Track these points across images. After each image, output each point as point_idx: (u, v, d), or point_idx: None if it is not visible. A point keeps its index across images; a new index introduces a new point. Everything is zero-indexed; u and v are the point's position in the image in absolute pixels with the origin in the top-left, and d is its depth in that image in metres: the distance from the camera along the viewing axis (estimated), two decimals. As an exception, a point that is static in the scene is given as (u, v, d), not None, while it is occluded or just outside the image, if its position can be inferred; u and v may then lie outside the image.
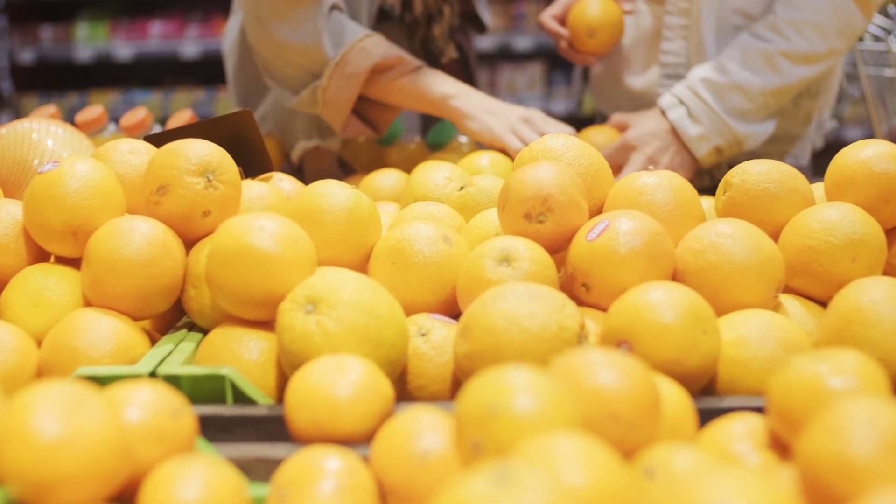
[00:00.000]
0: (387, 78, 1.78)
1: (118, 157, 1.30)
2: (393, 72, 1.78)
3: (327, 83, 1.76)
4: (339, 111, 1.79)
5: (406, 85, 1.79)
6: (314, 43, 1.73)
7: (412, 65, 1.79)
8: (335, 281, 1.02)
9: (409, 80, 1.79)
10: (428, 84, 1.79)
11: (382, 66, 1.76)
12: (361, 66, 1.74)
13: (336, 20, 1.76)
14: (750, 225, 1.14)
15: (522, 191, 1.14)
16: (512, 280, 1.08)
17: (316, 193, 1.19)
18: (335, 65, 1.74)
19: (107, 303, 1.12)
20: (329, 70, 1.74)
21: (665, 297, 1.01)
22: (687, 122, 1.79)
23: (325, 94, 1.77)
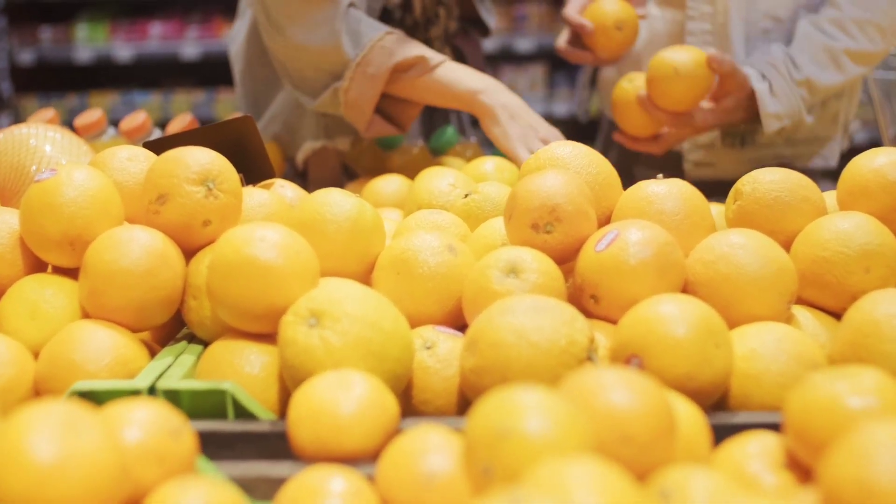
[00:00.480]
0: (410, 76, 1.74)
1: (117, 164, 1.27)
2: (415, 69, 1.74)
3: (349, 84, 1.72)
4: (363, 111, 1.75)
5: (431, 82, 1.74)
6: (333, 43, 1.70)
7: (435, 61, 1.75)
8: (338, 293, 0.99)
9: (434, 76, 1.74)
10: (454, 79, 1.75)
11: (404, 65, 1.73)
12: (383, 66, 1.70)
13: (353, 18, 1.73)
14: (762, 235, 1.11)
15: (529, 200, 1.12)
16: (519, 292, 1.05)
17: (318, 202, 1.16)
18: (356, 65, 1.70)
19: (105, 314, 1.09)
20: (350, 71, 1.71)
21: (677, 310, 0.99)
22: (768, 97, 1.77)
23: (346, 95, 1.73)
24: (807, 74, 1.79)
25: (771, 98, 1.78)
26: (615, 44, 1.88)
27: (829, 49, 1.80)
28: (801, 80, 1.79)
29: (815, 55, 1.80)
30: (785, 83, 1.79)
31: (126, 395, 1.00)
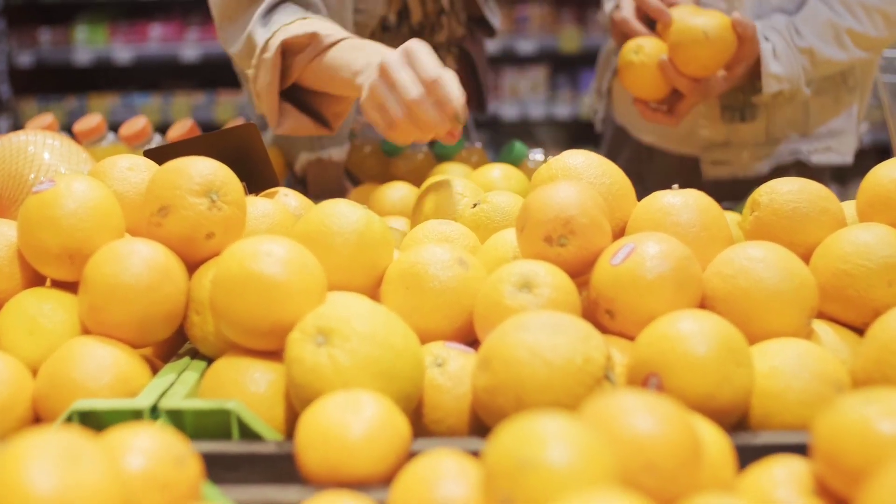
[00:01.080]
0: (304, 57, 1.53)
1: (117, 174, 1.24)
2: (309, 50, 1.53)
3: (255, 72, 1.56)
4: (270, 102, 1.56)
5: (322, 65, 1.52)
6: (250, 34, 1.57)
7: (330, 39, 1.52)
8: (347, 310, 0.96)
9: (326, 58, 1.52)
10: (342, 61, 1.50)
11: (295, 45, 1.53)
12: (273, 47, 1.52)
13: (283, 10, 1.59)
14: (782, 248, 1.08)
15: (543, 212, 1.08)
16: (533, 307, 1.02)
17: (324, 214, 1.13)
18: (259, 51, 1.54)
19: (105, 330, 1.06)
20: (255, 58, 1.55)
21: (697, 327, 0.96)
22: (770, 57, 1.75)
23: (255, 85, 1.57)
24: (810, 44, 1.78)
25: (773, 59, 1.76)
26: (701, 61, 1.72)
27: (833, 25, 1.79)
28: (803, 47, 1.78)
29: (819, 28, 1.79)
30: (787, 47, 1.77)
31: (127, 414, 0.97)
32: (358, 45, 1.52)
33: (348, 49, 1.51)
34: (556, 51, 4.97)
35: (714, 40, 1.67)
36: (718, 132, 1.94)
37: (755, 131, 1.93)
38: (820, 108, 1.93)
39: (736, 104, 1.87)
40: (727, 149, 1.95)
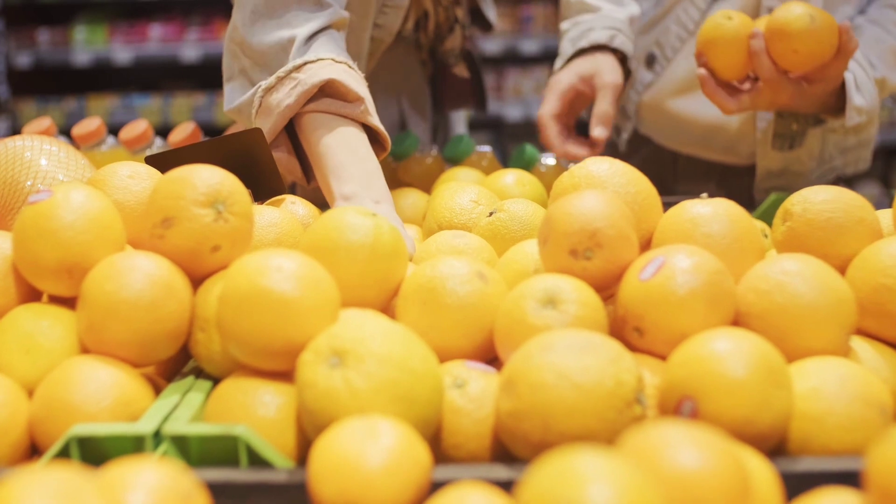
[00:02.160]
0: (322, 108, 1.42)
1: (118, 182, 1.18)
2: (337, 104, 1.42)
3: (275, 83, 1.43)
4: (274, 122, 1.43)
5: (325, 138, 1.40)
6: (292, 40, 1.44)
7: (363, 116, 1.43)
8: (362, 329, 0.90)
9: (335, 135, 1.41)
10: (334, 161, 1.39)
11: (335, 89, 1.42)
12: (316, 76, 1.41)
13: (327, 37, 1.48)
14: (818, 261, 1.03)
15: (567, 224, 1.03)
16: (558, 325, 0.97)
17: (332, 224, 1.07)
18: (292, 68, 1.42)
19: (105, 349, 1.00)
20: (283, 72, 1.43)
21: (734, 347, 0.90)
22: (854, 89, 1.67)
23: (266, 95, 1.44)
24: (882, 74, 1.73)
25: (856, 90, 1.68)
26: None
27: (893, 49, 1.74)
28: (877, 78, 1.73)
29: (886, 56, 1.73)
30: (867, 78, 1.71)
31: (129, 440, 0.91)
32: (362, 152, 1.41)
33: (349, 151, 1.40)
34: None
35: (818, 28, 1.54)
36: (776, 162, 1.89)
37: (810, 157, 1.89)
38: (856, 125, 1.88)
39: (788, 132, 1.81)
40: (782, 176, 1.90)
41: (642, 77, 1.98)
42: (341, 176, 1.38)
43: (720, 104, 1.66)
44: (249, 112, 1.47)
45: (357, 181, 1.37)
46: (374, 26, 1.76)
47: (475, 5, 2.01)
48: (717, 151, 1.97)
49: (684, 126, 1.96)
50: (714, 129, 1.93)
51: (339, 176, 1.38)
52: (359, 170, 1.39)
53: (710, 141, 1.96)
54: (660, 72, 1.95)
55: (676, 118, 1.96)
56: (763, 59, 1.59)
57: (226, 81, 1.54)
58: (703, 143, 1.97)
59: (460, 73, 1.99)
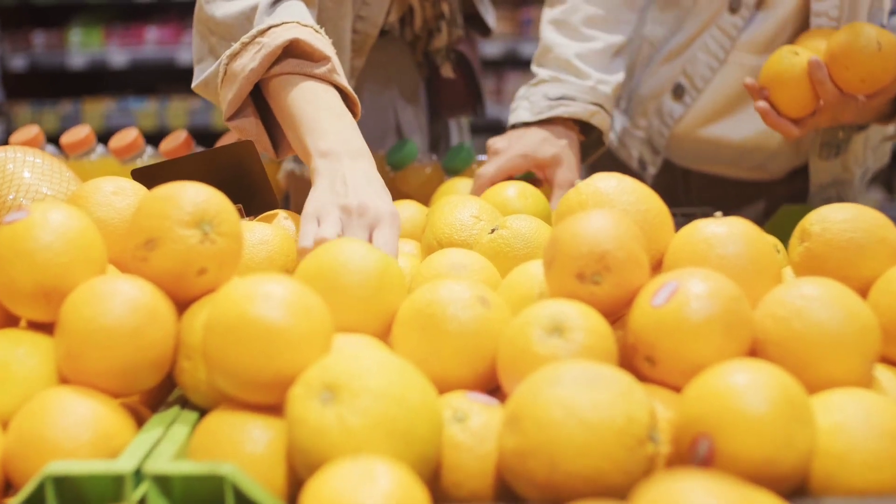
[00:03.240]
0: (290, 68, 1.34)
1: (101, 198, 1.13)
2: (303, 64, 1.35)
3: (239, 48, 1.35)
4: (239, 89, 1.35)
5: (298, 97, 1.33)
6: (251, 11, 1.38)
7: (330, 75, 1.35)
8: (357, 361, 0.85)
9: (306, 89, 1.34)
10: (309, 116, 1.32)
11: (300, 48, 1.34)
12: (280, 38, 1.33)
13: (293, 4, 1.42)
14: (839, 285, 0.97)
15: (574, 246, 0.97)
16: (565, 355, 0.91)
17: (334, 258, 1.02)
18: (256, 32, 1.35)
19: (84, 379, 0.94)
20: (247, 37, 1.36)
21: (753, 381, 0.84)
22: None
23: (231, 62, 1.36)
24: None
25: None
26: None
27: None
28: None
29: None
30: None
31: (107, 479, 0.85)
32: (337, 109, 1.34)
33: (322, 107, 1.33)
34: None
35: (886, 54, 1.50)
36: (826, 174, 1.83)
37: (856, 164, 1.84)
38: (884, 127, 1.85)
39: (834, 141, 1.75)
40: (832, 188, 1.85)
41: (671, 109, 1.88)
42: (316, 131, 1.31)
43: (785, 132, 1.61)
44: (216, 84, 1.41)
45: (334, 136, 1.30)
46: (357, 18, 1.70)
47: (474, 11, 1.95)
48: (745, 170, 1.91)
49: (716, 150, 1.89)
50: (749, 150, 1.87)
51: (314, 131, 1.31)
52: (334, 125, 1.32)
53: (741, 160, 1.90)
54: (690, 103, 1.86)
55: (708, 143, 1.89)
56: (828, 87, 1.54)
57: (196, 63, 1.48)
58: (733, 163, 1.91)
59: (446, 73, 1.93)
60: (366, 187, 1.24)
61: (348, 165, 1.27)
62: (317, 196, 1.24)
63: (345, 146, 1.29)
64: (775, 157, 1.87)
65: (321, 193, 1.24)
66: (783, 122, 1.60)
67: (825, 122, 1.61)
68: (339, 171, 1.26)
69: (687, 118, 1.87)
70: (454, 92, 1.99)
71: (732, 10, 1.76)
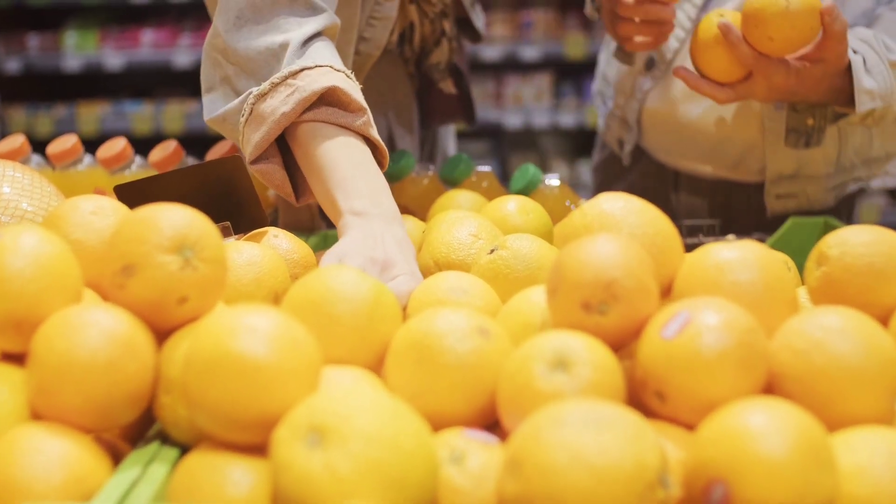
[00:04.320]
0: (321, 117, 1.30)
1: (79, 219, 1.07)
2: (336, 113, 1.31)
3: (269, 89, 1.30)
4: (266, 133, 1.29)
5: (324, 149, 1.28)
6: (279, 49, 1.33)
7: (365, 128, 1.32)
8: (346, 401, 0.79)
9: (338, 144, 1.29)
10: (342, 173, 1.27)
11: (334, 97, 1.31)
12: (317, 83, 1.29)
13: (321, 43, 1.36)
14: (862, 315, 0.91)
15: (579, 273, 0.91)
16: (570, 392, 0.85)
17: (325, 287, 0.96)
18: (288, 74, 1.30)
19: (57, 414, 0.89)
20: (277, 78, 1.30)
21: (771, 422, 0.79)
22: (862, 71, 1.58)
23: (258, 102, 1.31)
24: None
25: (865, 73, 1.58)
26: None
27: None
28: (893, 60, 1.62)
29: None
30: (879, 60, 1.60)
31: (79, 527, 0.80)
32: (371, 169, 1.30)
33: (355, 164, 1.29)
34: (561, 57, 4.82)
35: (794, 13, 1.48)
36: (787, 164, 1.78)
37: (826, 161, 1.78)
38: (882, 132, 1.78)
39: (803, 128, 1.69)
40: (795, 181, 1.79)
41: (641, 84, 1.88)
42: (349, 190, 1.26)
43: (710, 94, 1.59)
44: (237, 121, 1.34)
45: (366, 197, 1.26)
46: (360, 40, 1.64)
47: (464, 15, 1.90)
48: (725, 167, 1.86)
49: (689, 137, 1.84)
50: (722, 142, 1.82)
51: (347, 190, 1.26)
52: (367, 185, 1.28)
53: (717, 155, 1.85)
54: (659, 77, 1.84)
55: (681, 128, 1.85)
56: (741, 48, 1.52)
57: (205, 92, 1.41)
58: (709, 156, 1.86)
59: (447, 88, 1.88)
60: (395, 248, 1.20)
61: (381, 227, 1.23)
62: (345, 242, 1.20)
63: (379, 209, 1.26)
64: (751, 153, 1.82)
65: (350, 241, 1.20)
66: (705, 83, 1.58)
67: (760, 90, 1.58)
68: (371, 229, 1.22)
69: (657, 93, 1.85)
70: (448, 103, 1.94)
71: None
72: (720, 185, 1.89)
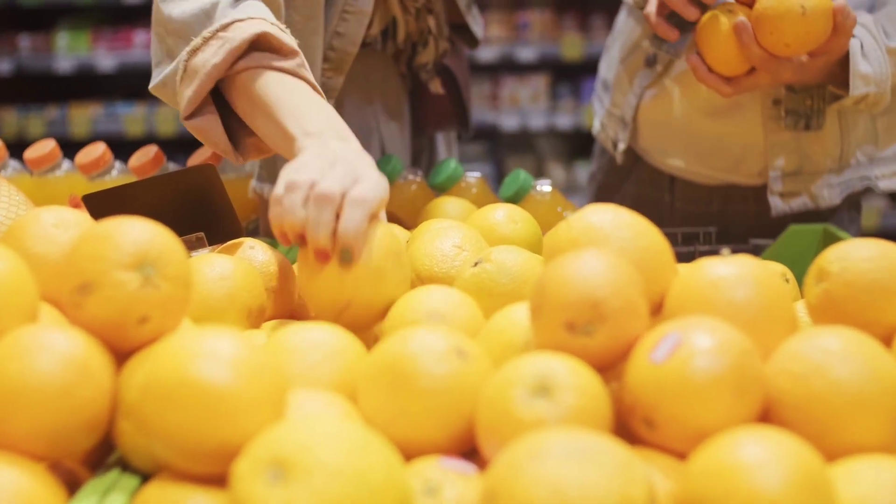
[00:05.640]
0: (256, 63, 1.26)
1: (39, 231, 1.02)
2: (270, 58, 1.27)
3: (200, 43, 1.27)
4: (200, 86, 1.27)
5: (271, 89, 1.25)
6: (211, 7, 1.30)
7: (300, 70, 1.28)
8: (310, 432, 0.73)
9: (278, 82, 1.26)
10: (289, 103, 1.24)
11: (267, 42, 1.27)
12: (246, 32, 1.25)
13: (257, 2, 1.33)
14: (864, 337, 0.86)
15: (563, 293, 0.86)
16: (552, 419, 0.80)
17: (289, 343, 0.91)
18: (219, 27, 1.27)
19: (8, 442, 0.83)
20: (209, 32, 1.28)
21: (766, 455, 0.74)
22: (859, 55, 1.55)
23: (191, 58, 1.27)
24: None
25: (862, 58, 1.55)
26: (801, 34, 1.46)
27: None
28: (890, 46, 1.58)
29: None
30: (876, 46, 1.57)
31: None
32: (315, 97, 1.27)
33: (302, 95, 1.25)
34: (557, 58, 4.76)
35: (811, 19, 1.43)
36: (790, 160, 1.72)
37: (829, 156, 1.72)
38: (888, 128, 1.74)
39: (802, 109, 1.65)
40: (798, 178, 1.73)
41: (640, 79, 1.82)
42: (299, 117, 1.22)
43: (716, 88, 1.55)
44: (174, 83, 1.31)
45: (319, 120, 1.22)
46: (334, 35, 1.59)
47: (462, 21, 1.84)
48: (723, 168, 1.80)
49: (687, 136, 1.79)
50: (720, 139, 1.77)
51: (297, 117, 1.22)
52: (318, 110, 1.24)
53: (715, 154, 1.79)
54: (662, 72, 1.79)
55: (678, 126, 1.80)
56: (754, 49, 1.48)
57: (154, 67, 1.39)
58: (707, 157, 1.80)
59: (435, 89, 1.82)
60: (355, 158, 1.15)
61: (338, 145, 1.18)
62: (303, 156, 1.15)
63: (332, 129, 1.21)
64: (750, 154, 1.77)
65: (308, 155, 1.15)
66: (713, 77, 1.55)
67: (765, 82, 1.55)
68: (328, 145, 1.17)
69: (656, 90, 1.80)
70: (440, 106, 1.88)
71: None
72: (717, 191, 1.84)
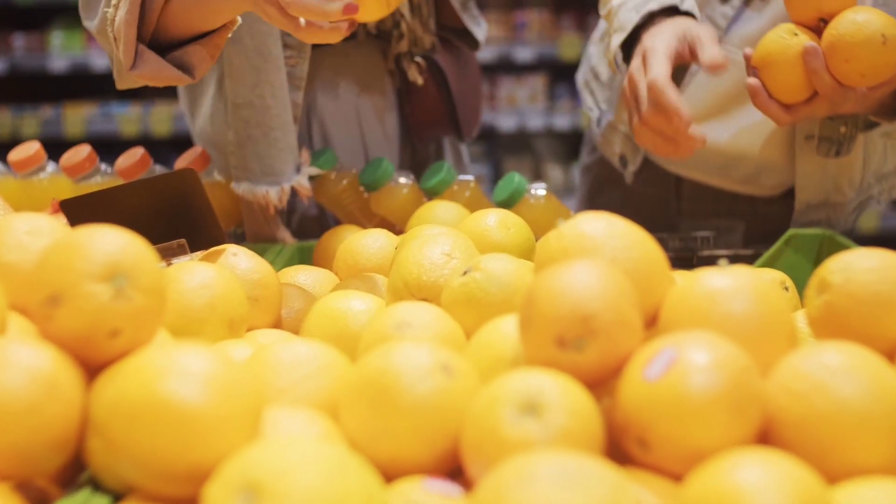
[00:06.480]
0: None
1: (12, 240, 0.98)
2: None
3: (114, 11, 1.31)
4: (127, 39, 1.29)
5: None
6: None
7: None
8: (284, 454, 0.70)
9: None
10: None
11: None
12: None
13: None
14: (866, 352, 0.82)
15: (553, 306, 0.82)
16: (541, 440, 0.76)
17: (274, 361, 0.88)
18: None
19: (-28, 462, 0.80)
20: None
21: (765, 479, 0.70)
22: None
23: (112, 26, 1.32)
24: None
25: None
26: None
27: None
28: None
29: None
30: None
31: None
32: None
33: None
34: (555, 59, 4.73)
35: (891, 48, 1.34)
36: (817, 194, 1.68)
37: (851, 187, 1.68)
38: (893, 146, 1.69)
39: (835, 136, 1.58)
40: (822, 208, 1.69)
41: None
42: None
43: (774, 116, 1.45)
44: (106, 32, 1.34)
45: None
46: None
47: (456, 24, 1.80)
48: (736, 182, 1.76)
49: (702, 155, 1.74)
50: (736, 159, 1.72)
51: None
52: None
53: (730, 171, 1.75)
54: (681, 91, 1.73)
55: None
56: (824, 77, 1.38)
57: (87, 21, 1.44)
58: (721, 172, 1.76)
59: (413, 77, 1.77)
60: None
61: None
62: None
63: None
64: (768, 170, 1.72)
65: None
66: (773, 104, 1.44)
67: (822, 111, 1.46)
68: None
69: None
70: (426, 104, 1.82)
71: None
72: (724, 195, 1.80)
